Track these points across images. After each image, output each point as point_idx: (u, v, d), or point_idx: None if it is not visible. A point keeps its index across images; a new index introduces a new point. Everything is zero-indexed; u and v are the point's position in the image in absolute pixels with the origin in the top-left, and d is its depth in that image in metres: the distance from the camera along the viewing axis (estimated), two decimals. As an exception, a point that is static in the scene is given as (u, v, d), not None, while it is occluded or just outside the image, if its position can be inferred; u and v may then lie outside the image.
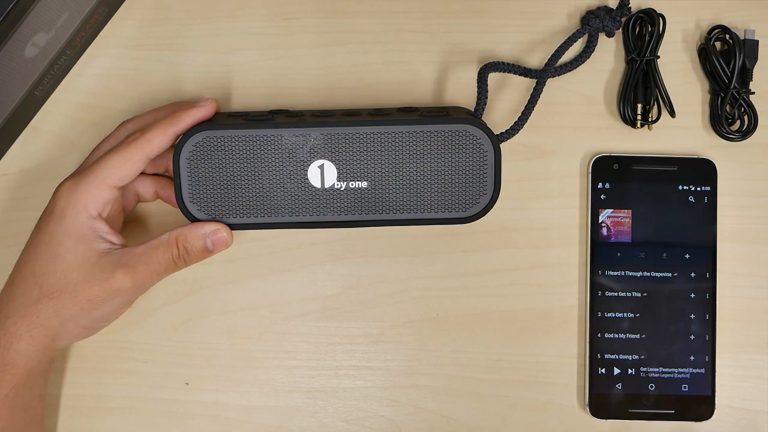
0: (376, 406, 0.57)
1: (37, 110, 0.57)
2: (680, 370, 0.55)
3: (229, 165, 0.50)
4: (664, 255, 0.56)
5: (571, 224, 0.57)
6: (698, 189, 0.56)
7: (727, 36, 0.57)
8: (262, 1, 0.57)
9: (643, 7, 0.57)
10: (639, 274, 0.56)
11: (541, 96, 0.54)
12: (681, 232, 0.56)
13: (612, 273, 0.56)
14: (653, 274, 0.56)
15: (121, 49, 0.57)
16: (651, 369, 0.56)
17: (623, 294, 0.56)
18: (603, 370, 0.56)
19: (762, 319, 0.57)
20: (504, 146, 0.53)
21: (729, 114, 0.57)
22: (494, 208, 0.51)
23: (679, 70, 0.58)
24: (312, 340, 0.57)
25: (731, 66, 0.56)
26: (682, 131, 0.58)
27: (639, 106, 0.57)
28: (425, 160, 0.50)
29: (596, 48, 0.57)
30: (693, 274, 0.56)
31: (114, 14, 0.57)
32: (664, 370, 0.55)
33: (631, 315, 0.56)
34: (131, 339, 0.56)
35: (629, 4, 0.57)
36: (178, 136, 0.50)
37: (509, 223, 0.57)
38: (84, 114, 0.57)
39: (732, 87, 0.56)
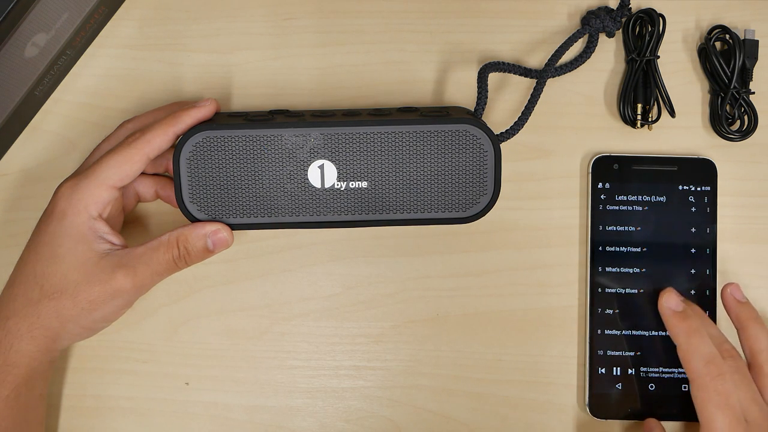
0: (376, 406, 0.57)
1: (37, 110, 0.57)
2: (680, 370, 0.55)
3: (229, 165, 0.50)
4: (664, 255, 0.56)
5: (571, 224, 0.57)
6: (698, 189, 0.57)
7: (727, 36, 0.57)
8: (261, 1, 0.57)
9: (643, 7, 0.57)
10: (639, 274, 0.56)
11: (541, 96, 0.54)
12: (681, 232, 0.56)
13: (612, 273, 0.56)
14: (653, 274, 0.56)
15: (121, 49, 0.57)
16: (651, 369, 0.56)
17: (623, 294, 0.56)
18: (603, 370, 0.56)
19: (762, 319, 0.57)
20: (504, 146, 0.53)
21: (729, 114, 0.57)
22: (494, 208, 0.51)
23: (679, 70, 0.58)
24: (312, 340, 0.57)
25: (731, 66, 0.56)
26: (682, 131, 0.58)
27: (639, 106, 0.57)
28: (425, 160, 0.50)
29: (596, 48, 0.57)
30: (693, 275, 0.56)
31: (114, 14, 0.57)
32: (664, 370, 0.55)
33: (632, 315, 0.56)
34: (131, 339, 0.56)
35: (629, 4, 0.57)
36: (178, 136, 0.50)
37: (509, 223, 0.57)
38: (84, 114, 0.57)
39: (732, 87, 0.56)
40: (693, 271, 0.56)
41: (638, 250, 0.56)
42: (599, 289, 0.56)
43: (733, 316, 0.55)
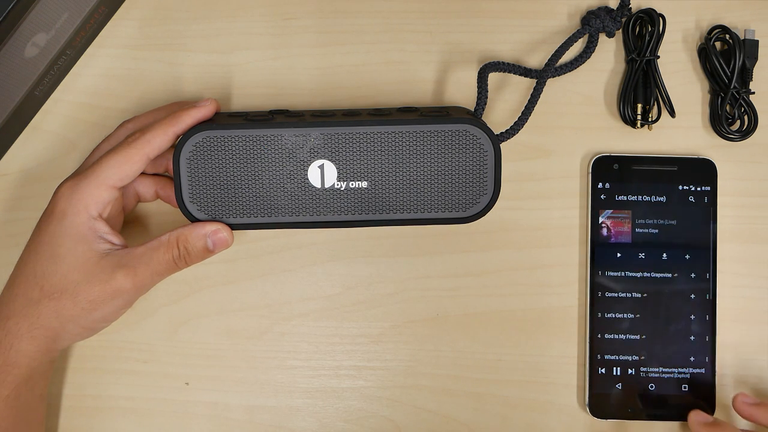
0: (376, 406, 0.57)
1: (37, 110, 0.57)
2: (680, 370, 0.55)
3: (229, 165, 0.50)
4: (664, 255, 0.56)
5: (571, 224, 0.57)
6: (698, 189, 0.57)
7: (727, 36, 0.57)
8: (261, 1, 0.57)
9: (643, 7, 0.57)
10: (639, 274, 0.56)
11: (541, 96, 0.54)
12: (681, 232, 0.56)
13: (612, 273, 0.56)
14: (653, 274, 0.56)
15: (121, 49, 0.57)
16: (651, 369, 0.56)
17: (623, 294, 0.56)
18: (603, 370, 0.56)
19: (762, 319, 0.57)
20: (504, 146, 0.53)
21: (729, 114, 0.57)
22: (494, 208, 0.51)
23: (679, 70, 0.58)
24: (312, 340, 0.57)
25: (731, 66, 0.56)
26: (682, 131, 0.58)
27: (639, 106, 0.57)
28: (425, 160, 0.50)
29: (596, 48, 0.57)
30: (693, 275, 0.56)
31: (114, 14, 0.57)
32: (664, 370, 0.56)
33: (631, 315, 0.56)
34: (131, 339, 0.56)
35: (629, 4, 0.57)
36: (178, 136, 0.50)
37: (509, 223, 0.57)
38: (84, 114, 0.57)
39: (732, 87, 0.56)
40: (693, 271, 0.56)
41: (638, 250, 0.56)
42: (599, 290, 0.56)
43: (762, 419, 0.53)
